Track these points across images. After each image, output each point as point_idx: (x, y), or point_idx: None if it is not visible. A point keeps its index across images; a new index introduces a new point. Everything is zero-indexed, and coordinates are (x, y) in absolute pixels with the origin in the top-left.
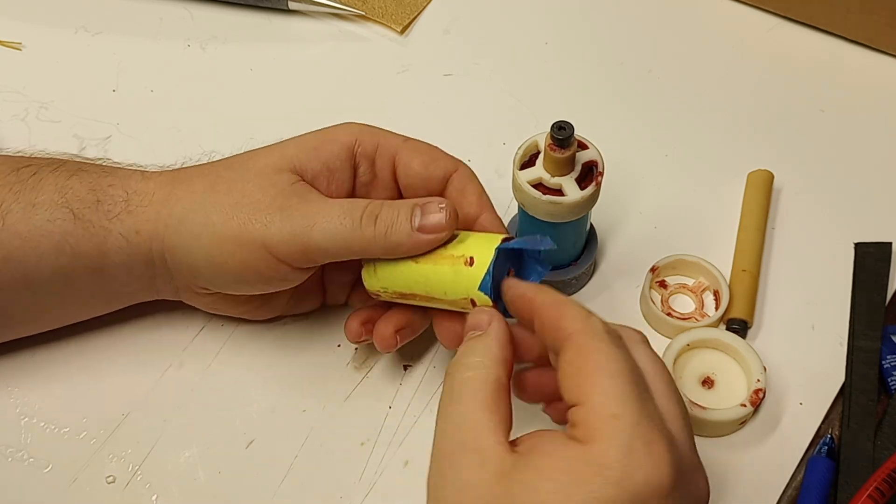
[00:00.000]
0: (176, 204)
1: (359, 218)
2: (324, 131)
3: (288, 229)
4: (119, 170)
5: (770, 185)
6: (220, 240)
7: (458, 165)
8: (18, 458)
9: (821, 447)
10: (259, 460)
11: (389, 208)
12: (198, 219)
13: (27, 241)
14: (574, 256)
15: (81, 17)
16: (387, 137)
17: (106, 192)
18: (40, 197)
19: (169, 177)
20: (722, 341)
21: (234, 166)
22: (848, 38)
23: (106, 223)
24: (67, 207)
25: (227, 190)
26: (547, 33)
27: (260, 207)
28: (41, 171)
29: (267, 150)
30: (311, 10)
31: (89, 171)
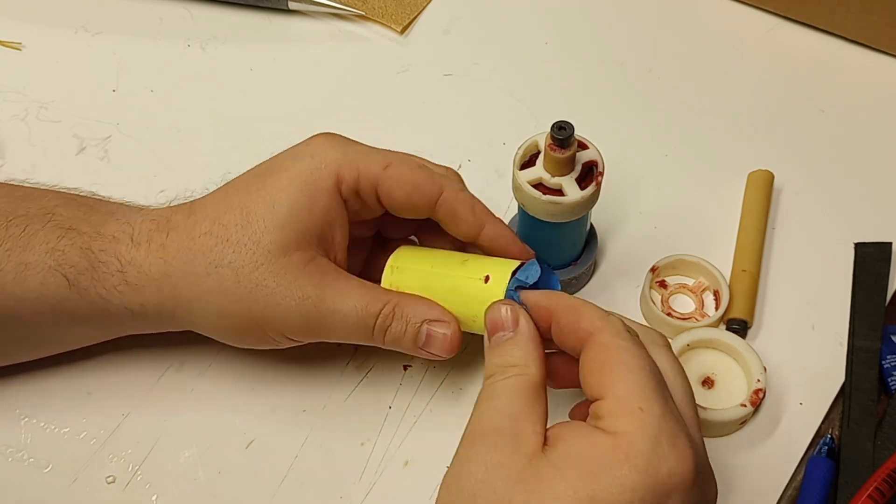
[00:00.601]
0: (179, 284)
1: (371, 327)
2: (304, 176)
3: (304, 323)
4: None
5: (770, 186)
6: (241, 326)
7: (442, 187)
8: (18, 458)
9: (821, 447)
10: (259, 460)
11: (398, 322)
12: (211, 307)
13: (22, 302)
14: (574, 256)
15: (81, 17)
16: (366, 164)
17: (98, 258)
18: (32, 257)
19: (158, 246)
20: (722, 341)
21: (231, 241)
22: (848, 38)
23: (104, 293)
24: (61, 273)
25: (235, 278)
26: (547, 33)
27: (276, 300)
28: (31, 225)
29: (261, 223)
30: (311, 10)
31: (79, 232)
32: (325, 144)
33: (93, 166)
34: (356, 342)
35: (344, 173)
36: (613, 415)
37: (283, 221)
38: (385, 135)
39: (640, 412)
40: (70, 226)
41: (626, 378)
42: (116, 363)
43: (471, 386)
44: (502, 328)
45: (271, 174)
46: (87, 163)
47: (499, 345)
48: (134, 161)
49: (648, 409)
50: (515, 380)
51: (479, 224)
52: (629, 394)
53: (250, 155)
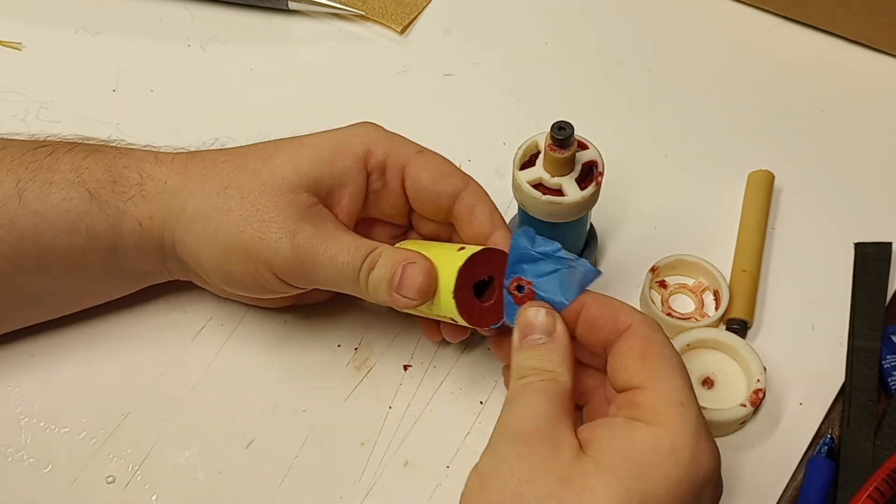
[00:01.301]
0: (189, 199)
1: (357, 269)
2: (338, 137)
3: (294, 256)
4: (133, 151)
5: (770, 186)
6: (230, 249)
7: (468, 183)
8: (18, 458)
9: (821, 447)
10: (259, 460)
11: (380, 266)
12: (209, 223)
13: (43, 219)
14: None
15: (81, 17)
16: (399, 146)
17: (121, 174)
18: (56, 176)
19: (181, 164)
20: (722, 341)
21: (247, 170)
22: (848, 38)
23: (121, 205)
24: (84, 187)
25: (240, 199)
26: (547, 33)
27: (272, 227)
28: (57, 150)
29: (282, 158)
30: (311, 10)
31: (104, 152)
32: (366, 124)
33: None
34: (341, 290)
35: (376, 148)
36: (656, 407)
37: (301, 164)
38: None
39: (682, 407)
40: (97, 148)
41: (669, 372)
42: (116, 363)
43: (471, 386)
44: (537, 331)
45: (310, 135)
46: None
47: (532, 347)
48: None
49: (689, 406)
50: (551, 384)
51: (492, 228)
52: (673, 388)
53: None
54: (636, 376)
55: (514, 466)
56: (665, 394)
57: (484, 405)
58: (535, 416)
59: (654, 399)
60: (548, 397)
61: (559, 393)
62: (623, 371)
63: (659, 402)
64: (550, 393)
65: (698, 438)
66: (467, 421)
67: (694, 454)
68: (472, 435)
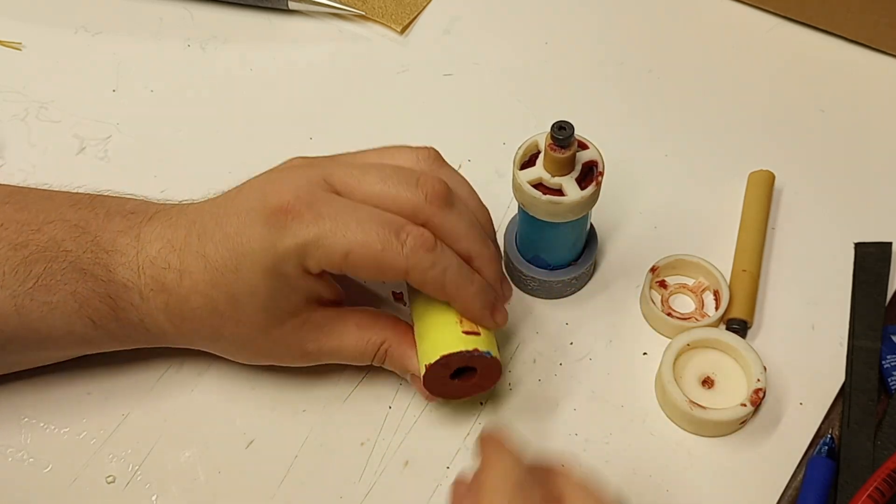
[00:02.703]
0: (193, 344)
1: (369, 362)
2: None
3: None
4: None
5: (771, 186)
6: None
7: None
8: (18, 458)
9: (821, 447)
10: (259, 460)
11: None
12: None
13: (50, 338)
14: (574, 256)
15: (81, 17)
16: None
17: (118, 305)
18: (54, 297)
19: (164, 307)
20: (722, 341)
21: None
22: (848, 38)
23: (131, 333)
24: (87, 317)
25: (239, 345)
26: (547, 33)
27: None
28: (49, 264)
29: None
30: (311, 10)
31: (95, 277)
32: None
33: (93, 166)
34: None
35: (306, 264)
36: None
37: (267, 305)
38: (385, 135)
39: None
40: (84, 267)
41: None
42: (116, 363)
43: None
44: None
45: (243, 255)
46: (87, 163)
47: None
48: (134, 161)
49: None
50: None
51: (447, 298)
52: None
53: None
54: None
55: None
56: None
57: (484, 405)
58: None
59: None
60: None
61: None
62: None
63: None
64: None
65: None
66: (467, 421)
67: None
68: (472, 435)
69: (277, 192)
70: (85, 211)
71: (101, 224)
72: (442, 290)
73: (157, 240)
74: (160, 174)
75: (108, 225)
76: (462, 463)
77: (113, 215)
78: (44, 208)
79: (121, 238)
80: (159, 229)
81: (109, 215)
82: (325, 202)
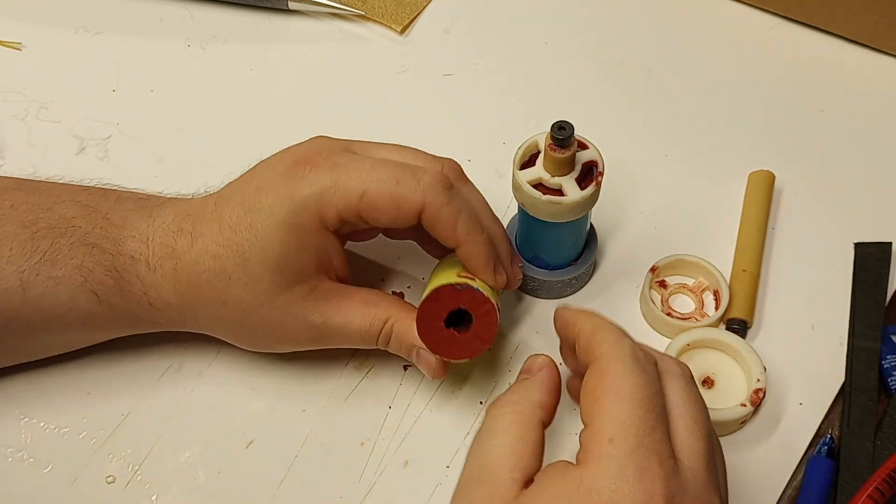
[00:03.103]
0: (196, 313)
1: (374, 342)
2: (291, 221)
3: (312, 342)
4: (125, 244)
5: (771, 186)
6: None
7: (423, 203)
8: (18, 458)
9: (821, 447)
10: (259, 460)
11: (394, 342)
12: (228, 330)
13: (53, 315)
14: (574, 256)
15: (81, 17)
16: (343, 198)
17: (123, 278)
18: (60, 272)
19: (171, 275)
20: (722, 341)
21: (232, 279)
22: (848, 38)
23: (134, 309)
24: (91, 290)
25: (243, 313)
26: (547, 33)
27: (283, 328)
28: (57, 238)
29: (260, 264)
30: (311, 10)
31: (103, 250)
32: (303, 179)
33: (93, 166)
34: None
35: (324, 212)
36: (586, 446)
37: (277, 263)
38: (385, 135)
39: (610, 443)
40: (93, 241)
41: (609, 407)
42: (116, 363)
43: (471, 386)
44: (527, 372)
45: (258, 210)
46: (87, 163)
47: (516, 383)
48: (134, 161)
49: (619, 441)
50: (509, 417)
51: (456, 241)
52: (604, 424)
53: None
54: (584, 415)
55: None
56: (595, 431)
57: (484, 405)
58: (478, 462)
59: (588, 437)
60: (501, 434)
61: (515, 425)
62: (581, 411)
63: (590, 440)
64: (505, 428)
65: (621, 478)
66: (467, 421)
67: (613, 496)
68: (472, 435)
69: (297, 150)
70: (96, 195)
71: (112, 205)
72: (453, 230)
73: (170, 212)
74: (160, 174)
75: (120, 206)
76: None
77: (125, 200)
78: (55, 191)
79: (132, 215)
80: (176, 205)
81: (121, 199)
82: (343, 155)
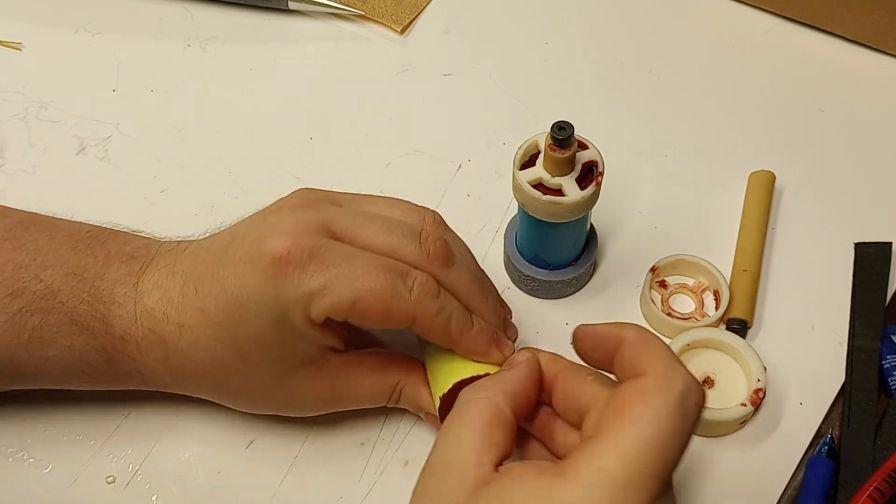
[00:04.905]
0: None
1: (384, 403)
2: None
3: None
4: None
5: (772, 186)
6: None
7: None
8: (18, 458)
9: (821, 447)
10: (259, 460)
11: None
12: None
13: (47, 383)
14: (574, 256)
15: (81, 17)
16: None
17: (114, 358)
18: (51, 352)
19: (163, 360)
20: (722, 341)
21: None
22: (848, 38)
23: (128, 382)
24: (82, 371)
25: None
26: (547, 33)
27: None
28: (46, 316)
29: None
30: (311, 10)
31: (92, 331)
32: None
33: (93, 166)
34: None
35: (313, 314)
36: (575, 458)
37: (279, 356)
38: (385, 135)
39: (599, 472)
40: (81, 322)
41: (623, 440)
42: None
43: None
44: (509, 364)
45: (247, 307)
46: (87, 163)
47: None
48: (134, 161)
49: (610, 474)
50: (479, 399)
51: (453, 344)
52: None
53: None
54: (592, 420)
55: (420, 499)
56: (594, 451)
57: None
58: (448, 446)
59: (582, 452)
60: (470, 421)
61: (485, 414)
62: (590, 414)
63: (583, 456)
64: (475, 415)
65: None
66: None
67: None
68: None
69: (273, 240)
70: (84, 255)
71: (99, 271)
72: (447, 335)
73: (154, 290)
74: (160, 174)
75: (107, 272)
76: None
77: (112, 261)
78: (42, 249)
79: (118, 288)
80: (156, 278)
81: (108, 261)
82: (327, 249)
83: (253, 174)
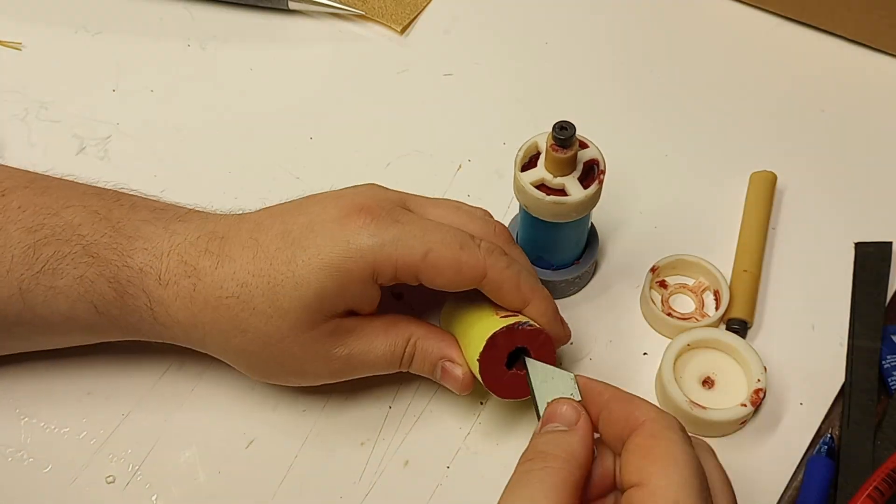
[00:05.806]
0: (206, 337)
1: (397, 365)
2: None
3: (333, 376)
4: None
5: (773, 186)
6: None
7: (485, 269)
8: (18, 458)
9: (821, 447)
10: (259, 460)
11: (418, 359)
12: (240, 360)
13: (52, 324)
14: (575, 256)
15: (81, 17)
16: (404, 256)
17: (126, 290)
18: (60, 282)
19: (186, 294)
20: (722, 341)
21: (256, 310)
22: (848, 38)
23: (134, 322)
24: (91, 303)
25: (262, 344)
26: (547, 33)
27: (304, 363)
28: (60, 247)
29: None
30: (311, 10)
31: (107, 261)
32: (364, 229)
33: (93, 166)
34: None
35: (380, 267)
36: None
37: (310, 303)
38: (385, 135)
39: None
40: (97, 252)
41: (669, 469)
42: (116, 363)
43: None
44: (558, 420)
45: (303, 247)
46: (87, 163)
47: (548, 433)
48: (134, 161)
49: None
50: (551, 471)
51: (524, 301)
52: (668, 485)
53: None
54: (636, 474)
55: None
56: (657, 491)
57: (484, 405)
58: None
59: (648, 496)
60: (543, 487)
61: (559, 482)
62: (626, 471)
63: (649, 499)
64: (548, 482)
65: None
66: (467, 421)
67: None
68: (472, 435)
69: (354, 197)
70: (109, 201)
71: (124, 213)
72: (517, 289)
73: (194, 229)
74: (160, 174)
75: (133, 215)
76: (462, 463)
77: (139, 208)
78: (65, 194)
79: (145, 226)
80: (198, 221)
81: (135, 208)
82: (403, 213)
83: (253, 174)
